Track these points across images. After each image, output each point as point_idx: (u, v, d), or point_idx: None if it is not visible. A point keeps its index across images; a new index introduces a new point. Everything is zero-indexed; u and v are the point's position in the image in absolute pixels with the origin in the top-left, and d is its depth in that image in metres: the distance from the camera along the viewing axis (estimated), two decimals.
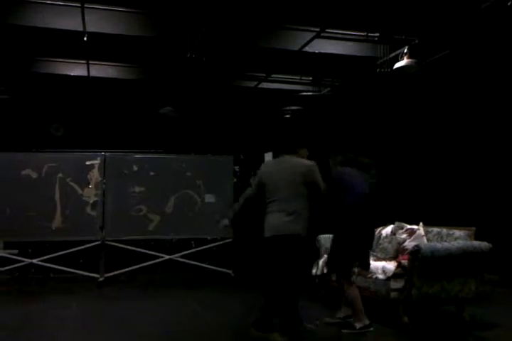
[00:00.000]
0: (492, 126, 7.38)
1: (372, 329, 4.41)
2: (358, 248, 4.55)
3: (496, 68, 6.95)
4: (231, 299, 6.15)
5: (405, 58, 6.51)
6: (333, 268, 4.76)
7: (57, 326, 4.84)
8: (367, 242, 4.66)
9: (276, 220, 4.16)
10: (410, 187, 8.36)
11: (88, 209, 7.22)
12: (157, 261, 7.42)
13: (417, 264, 4.51)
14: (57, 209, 7.10)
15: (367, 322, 4.43)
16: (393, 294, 4.69)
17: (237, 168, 8.80)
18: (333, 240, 4.74)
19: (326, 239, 5.98)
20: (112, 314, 5.33)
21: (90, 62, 7.78)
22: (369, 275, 4.89)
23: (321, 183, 4.28)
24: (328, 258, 4.90)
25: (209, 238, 7.72)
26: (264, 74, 8.56)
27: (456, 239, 5.01)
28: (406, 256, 4.73)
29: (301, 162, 4.32)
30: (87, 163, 7.32)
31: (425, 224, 5.52)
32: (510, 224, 6.91)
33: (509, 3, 5.18)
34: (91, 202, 7.23)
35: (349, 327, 4.47)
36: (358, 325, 4.44)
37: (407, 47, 6.53)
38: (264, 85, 8.98)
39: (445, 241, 5.06)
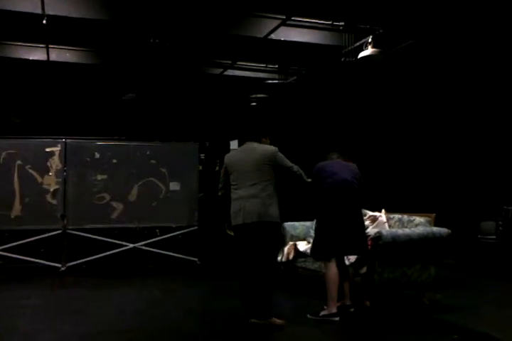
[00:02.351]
0: (453, 115, 7.56)
1: (337, 319, 4.39)
2: (336, 232, 4.51)
3: (458, 58, 7.10)
4: (196, 287, 6.15)
5: (370, 47, 6.57)
6: (315, 253, 4.72)
7: (16, 316, 4.73)
8: (347, 228, 4.55)
9: (241, 207, 4.14)
10: (372, 175, 8.49)
11: (48, 197, 7.05)
12: (121, 249, 7.33)
13: (379, 250, 4.61)
14: (16, 197, 6.90)
15: (333, 310, 4.42)
16: (356, 279, 4.79)
17: (202, 155, 8.74)
18: (315, 228, 4.76)
19: (290, 226, 6.04)
20: (74, 303, 5.24)
21: (50, 46, 7.55)
22: None
23: (292, 165, 4.33)
24: (311, 246, 4.89)
25: (174, 226, 7.66)
26: (229, 62, 8.50)
27: (417, 225, 5.13)
28: (369, 242, 4.82)
29: (265, 147, 4.35)
30: (47, 149, 7.12)
31: (387, 211, 5.63)
32: (467, 211, 7.14)
33: None
34: (51, 190, 7.06)
35: (315, 314, 4.49)
36: (322, 312, 4.46)
37: (371, 36, 6.59)
38: (230, 72, 8.93)
39: (406, 227, 5.18)
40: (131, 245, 7.41)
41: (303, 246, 5.67)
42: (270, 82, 9.06)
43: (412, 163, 8.07)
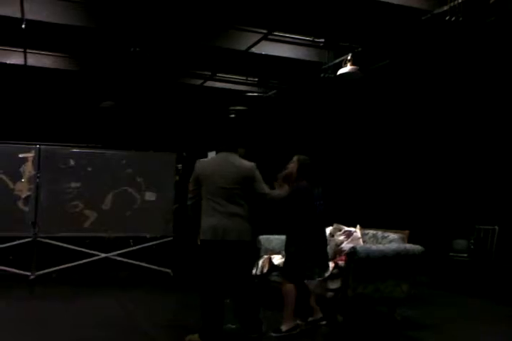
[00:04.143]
0: (425, 132, 7.72)
1: (298, 330, 4.42)
2: (309, 254, 4.51)
3: (431, 80, 7.26)
4: (168, 298, 6.07)
5: (349, 65, 6.69)
6: (290, 275, 4.61)
7: None
8: (320, 249, 4.60)
9: (219, 223, 4.01)
10: (348, 191, 8.59)
11: (20, 204, 6.90)
12: (92, 259, 7.20)
13: (353, 265, 4.64)
14: None
15: (292, 324, 4.43)
16: (329, 294, 4.81)
17: (179, 165, 8.67)
18: (295, 250, 4.58)
19: (265, 239, 6.05)
20: (43, 313, 5.12)
21: (28, 50, 7.46)
22: None
23: (263, 184, 4.19)
24: (285, 266, 4.78)
25: (148, 236, 7.57)
26: (210, 73, 8.53)
27: (391, 241, 5.19)
28: (343, 257, 4.85)
29: (243, 163, 4.19)
30: (21, 155, 6.98)
31: (362, 227, 5.68)
32: (440, 229, 7.25)
33: (447, 18, 5.44)
34: (23, 196, 6.92)
35: (278, 331, 4.44)
36: (284, 328, 4.43)
37: (350, 54, 6.71)
38: (210, 84, 8.95)
39: (380, 243, 5.23)
40: (104, 255, 7.29)
41: (277, 259, 5.66)
42: (250, 94, 9.11)
43: (388, 180, 8.18)
